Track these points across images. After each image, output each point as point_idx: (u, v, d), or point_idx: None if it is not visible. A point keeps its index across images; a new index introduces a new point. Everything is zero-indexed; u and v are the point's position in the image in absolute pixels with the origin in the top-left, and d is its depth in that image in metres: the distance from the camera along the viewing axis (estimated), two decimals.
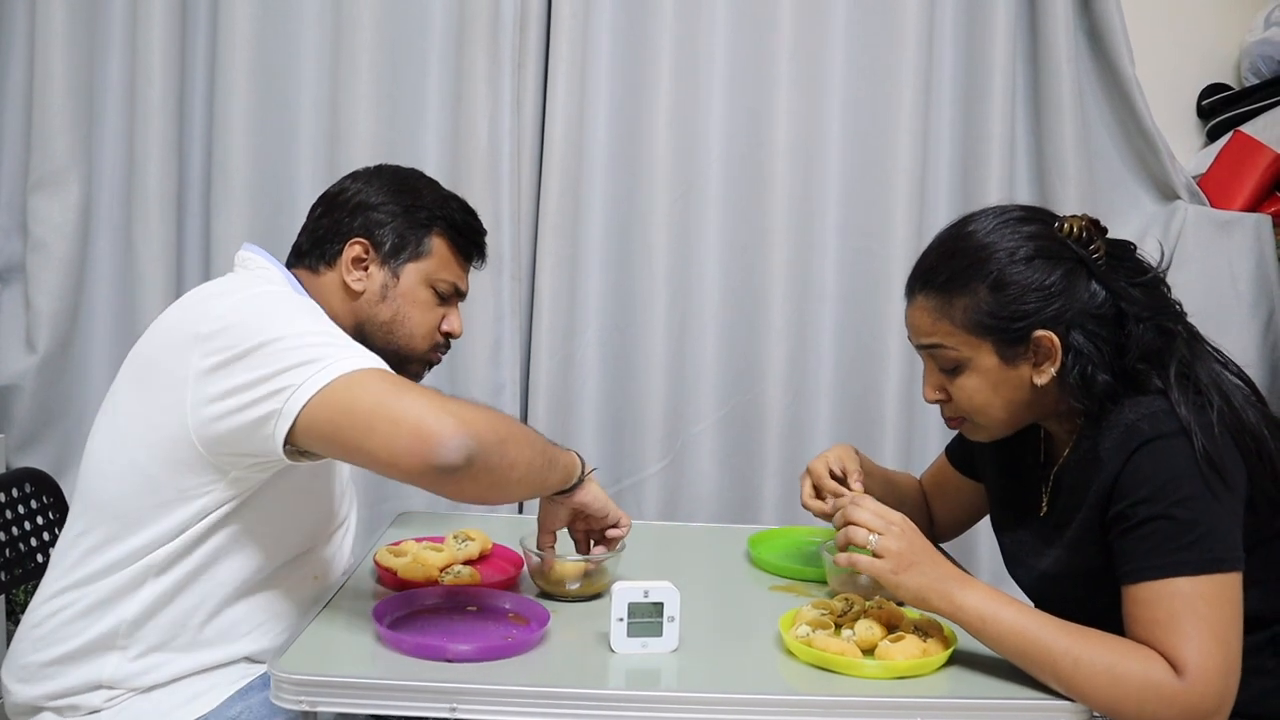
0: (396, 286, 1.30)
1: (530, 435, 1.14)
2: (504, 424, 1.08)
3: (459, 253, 1.35)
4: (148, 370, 1.15)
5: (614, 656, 1.08)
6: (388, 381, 1.04)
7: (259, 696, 1.14)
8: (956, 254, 1.18)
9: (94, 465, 1.18)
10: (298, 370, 1.03)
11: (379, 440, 1.00)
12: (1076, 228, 1.15)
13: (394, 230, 1.29)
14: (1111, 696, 1.00)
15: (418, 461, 0.99)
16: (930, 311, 1.18)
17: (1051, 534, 1.20)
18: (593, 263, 2.09)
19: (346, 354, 1.05)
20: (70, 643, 1.14)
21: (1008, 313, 1.13)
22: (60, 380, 2.02)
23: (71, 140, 1.99)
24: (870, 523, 1.11)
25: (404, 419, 0.99)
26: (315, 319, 1.13)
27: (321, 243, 1.30)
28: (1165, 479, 1.05)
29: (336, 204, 1.32)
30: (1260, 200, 2.11)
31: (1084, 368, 1.11)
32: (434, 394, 1.04)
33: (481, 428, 1.02)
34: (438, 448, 0.98)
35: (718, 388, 2.11)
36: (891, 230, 2.08)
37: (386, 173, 1.36)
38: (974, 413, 1.19)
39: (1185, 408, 1.07)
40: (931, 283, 1.18)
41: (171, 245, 2.04)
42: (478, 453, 1.00)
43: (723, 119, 2.08)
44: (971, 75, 2.12)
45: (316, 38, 2.05)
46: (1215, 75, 2.26)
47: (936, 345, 1.18)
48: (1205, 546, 1.02)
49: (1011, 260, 1.13)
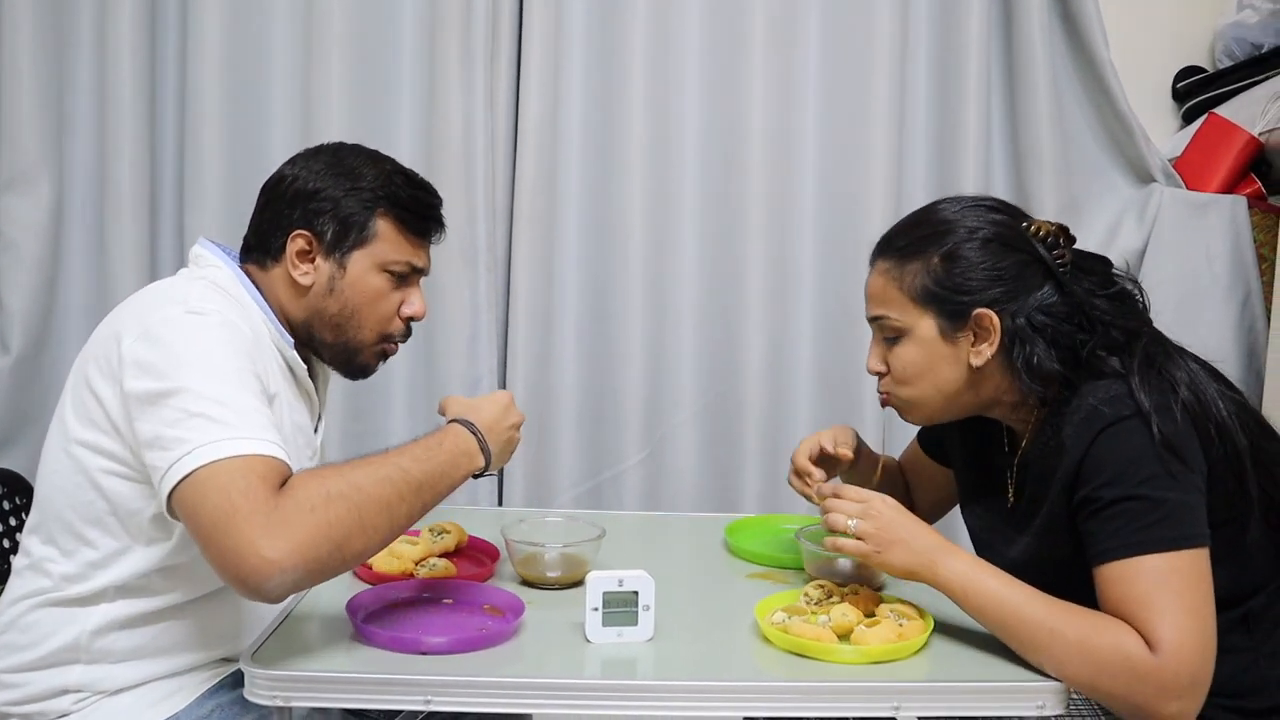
0: (344, 277, 1.23)
1: (379, 497, 1.01)
2: (339, 520, 0.97)
3: (409, 230, 1.27)
4: (84, 380, 1.12)
5: (589, 646, 1.08)
6: (235, 489, 0.96)
7: (230, 694, 1.13)
8: (920, 224, 1.23)
9: (45, 474, 1.16)
10: (176, 448, 0.99)
11: (212, 564, 0.97)
12: (1044, 229, 1.18)
13: (335, 218, 1.22)
14: (1085, 670, 1.00)
15: (246, 594, 0.96)
16: (884, 274, 1.22)
17: (1019, 522, 1.21)
18: (569, 254, 2.09)
19: (221, 436, 0.99)
20: (33, 651, 1.12)
21: (953, 284, 1.16)
22: (34, 381, 2.00)
23: (41, 139, 1.97)
24: (847, 509, 1.15)
25: (232, 551, 0.94)
26: (224, 370, 1.06)
27: (266, 237, 1.25)
28: (1126, 461, 1.05)
29: (276, 194, 1.26)
30: (1235, 182, 2.11)
31: (1029, 354, 1.13)
32: (266, 506, 0.95)
33: (309, 550, 0.94)
34: (259, 588, 0.94)
35: (696, 378, 2.11)
36: (868, 218, 2.08)
37: (326, 153, 1.28)
38: (908, 383, 1.22)
39: (1144, 392, 1.08)
40: (890, 247, 1.23)
41: (144, 243, 2.02)
42: (303, 577, 0.96)
43: (697, 108, 2.08)
44: (946, 61, 2.12)
45: (287, 32, 2.04)
46: (1189, 58, 2.27)
47: (882, 317, 1.22)
48: (1173, 524, 1.03)
49: (969, 237, 1.17)
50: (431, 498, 1.07)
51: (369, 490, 1.00)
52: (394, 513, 1.02)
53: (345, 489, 0.99)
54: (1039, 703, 1.01)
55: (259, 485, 0.96)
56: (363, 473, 1.02)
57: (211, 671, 1.18)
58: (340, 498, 0.98)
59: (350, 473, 1.01)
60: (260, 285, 1.25)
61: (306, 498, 0.97)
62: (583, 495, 2.11)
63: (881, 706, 1.01)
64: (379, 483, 1.02)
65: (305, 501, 0.97)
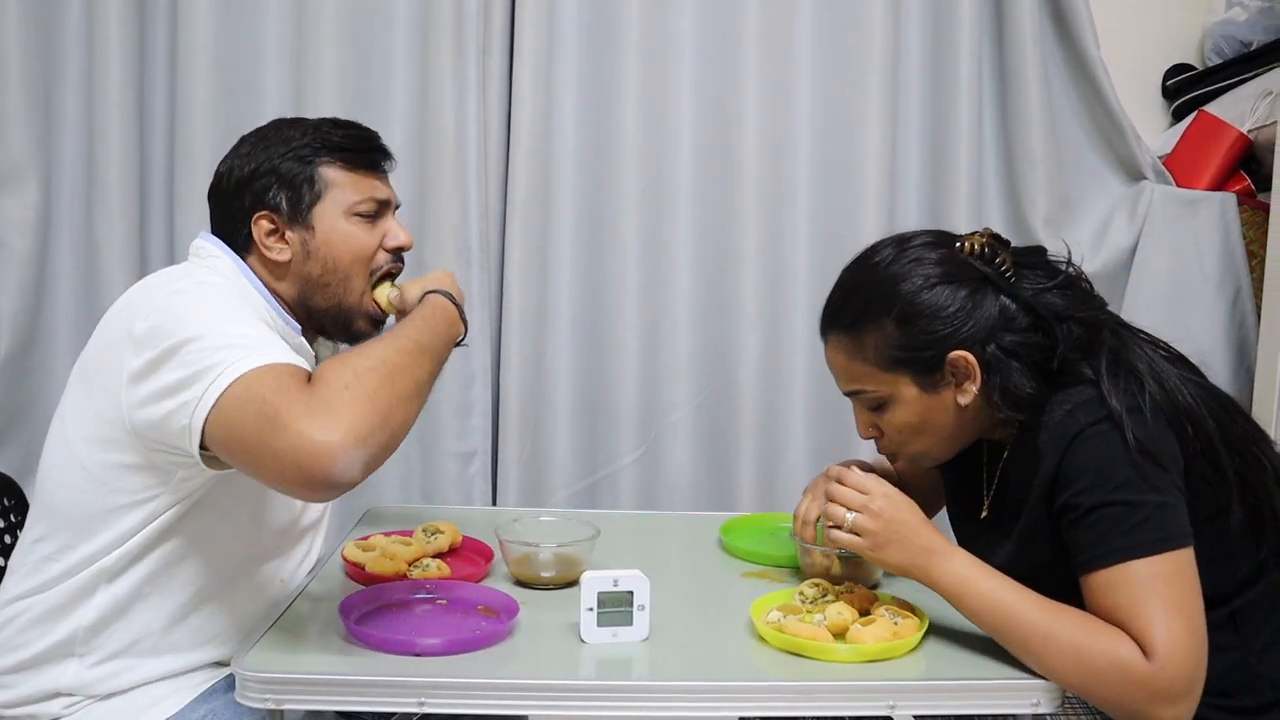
0: (315, 237, 1.23)
1: (402, 364, 1.04)
2: (377, 391, 0.98)
3: (357, 167, 1.26)
4: (90, 372, 1.12)
5: (584, 646, 1.08)
6: (269, 391, 0.96)
7: (224, 698, 1.12)
8: (859, 289, 1.20)
9: (45, 469, 1.15)
10: (200, 380, 0.99)
11: (271, 476, 0.96)
12: (977, 245, 1.16)
13: (281, 185, 1.22)
14: (1079, 675, 1.00)
15: (317, 491, 0.95)
16: (843, 352, 1.20)
17: (1001, 530, 1.20)
18: (563, 252, 2.08)
19: (243, 356, 0.99)
20: (26, 650, 1.12)
21: (918, 343, 1.14)
22: (23, 381, 1.98)
23: (29, 137, 1.95)
24: (849, 499, 1.14)
25: (287, 450, 0.93)
26: (237, 315, 1.07)
27: (231, 235, 1.25)
28: (1103, 466, 1.05)
29: (220, 193, 1.26)
30: (1225, 179, 2.12)
31: (1004, 382, 1.13)
32: (303, 397, 0.96)
33: (365, 425, 0.95)
34: (326, 476, 0.93)
35: (691, 376, 2.10)
36: (862, 216, 2.08)
37: (249, 138, 1.28)
38: (908, 443, 1.21)
39: (1115, 397, 1.07)
40: (839, 323, 1.20)
41: (134, 242, 2.01)
42: (364, 453, 0.95)
43: (691, 106, 2.07)
44: (938, 60, 2.12)
45: (278, 28, 2.03)
46: (1179, 56, 2.27)
47: (860, 391, 1.20)
48: (1153, 526, 1.03)
49: (916, 290, 1.14)
50: (436, 363, 1.11)
51: (391, 359, 1.03)
52: (418, 376, 1.06)
53: (371, 363, 1.02)
54: (1033, 700, 1.02)
55: (290, 382, 0.97)
56: (379, 346, 1.06)
57: (205, 674, 1.17)
58: (369, 371, 1.00)
59: (368, 349, 1.05)
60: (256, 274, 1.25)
61: (337, 378, 0.98)
62: (577, 494, 2.11)
63: (877, 705, 1.01)
64: (398, 351, 1.05)
65: (337, 382, 0.98)
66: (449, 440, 2.06)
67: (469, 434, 2.07)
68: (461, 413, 2.06)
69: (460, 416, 2.06)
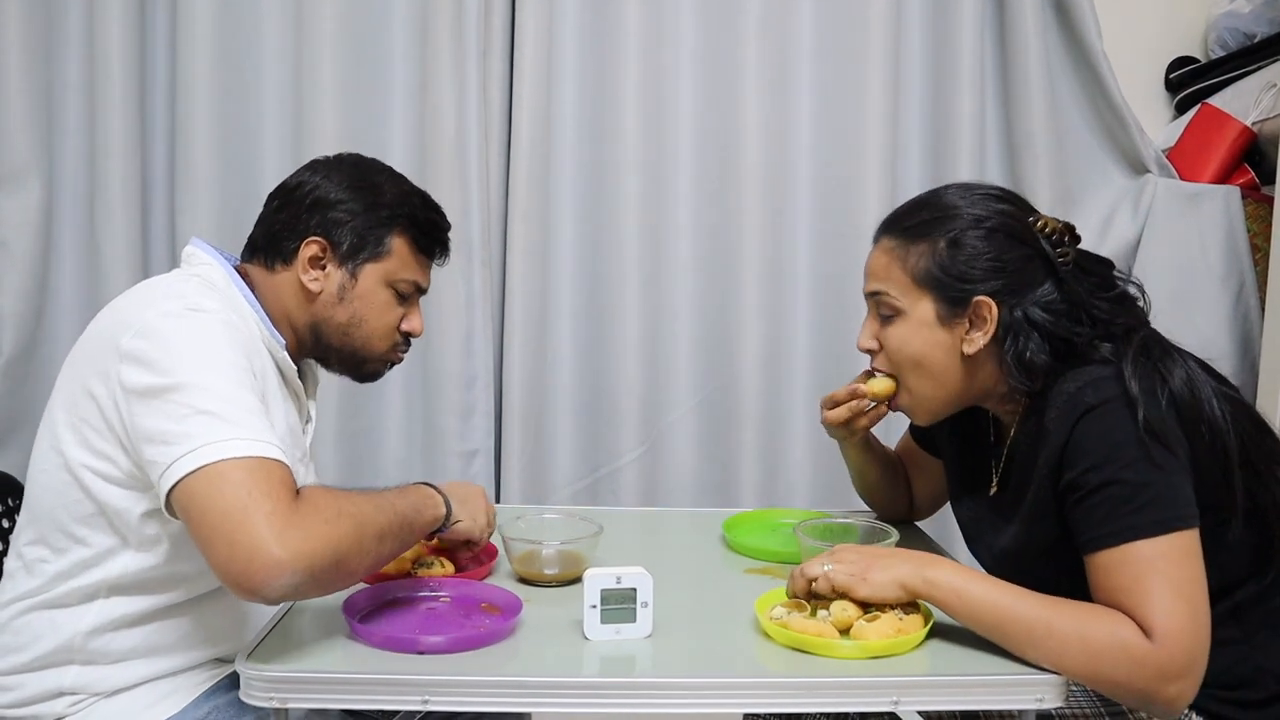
0: (355, 288, 1.25)
1: (377, 524, 1.07)
2: (346, 536, 1.01)
3: (421, 251, 1.30)
4: (76, 378, 1.12)
5: (588, 644, 1.07)
6: (243, 488, 0.98)
7: (227, 696, 1.12)
8: (927, 206, 1.23)
9: (35, 474, 1.15)
10: (181, 443, 1.00)
11: (214, 559, 0.97)
12: (1050, 226, 1.18)
13: (353, 230, 1.24)
14: (1084, 662, 1.00)
15: (245, 591, 0.97)
16: (888, 253, 1.22)
17: (1007, 510, 1.20)
18: (564, 249, 2.08)
19: (228, 434, 1.00)
20: (28, 652, 1.11)
21: (956, 271, 1.16)
22: (25, 383, 1.99)
23: (31, 138, 1.96)
24: (812, 567, 1.12)
25: (243, 546, 0.95)
26: (223, 363, 1.07)
27: (277, 240, 1.25)
28: (1109, 445, 1.05)
29: (294, 199, 1.26)
30: (1229, 172, 2.11)
31: (1020, 347, 1.14)
32: (285, 508, 0.98)
33: (317, 558, 0.98)
34: (261, 586, 0.95)
35: (693, 373, 2.10)
36: (864, 211, 2.07)
37: (347, 164, 1.30)
38: (903, 372, 1.22)
39: (1133, 378, 1.07)
40: (896, 226, 1.23)
41: (136, 243, 2.01)
42: (305, 583, 0.98)
43: (691, 102, 2.07)
44: (940, 53, 2.11)
45: (278, 29, 2.03)
46: (1182, 48, 2.26)
47: (881, 292, 1.22)
48: (1158, 507, 1.03)
49: (976, 225, 1.17)
50: (405, 543, 1.14)
51: (370, 516, 1.07)
52: (384, 541, 1.08)
53: (353, 510, 1.05)
54: (1038, 696, 1.01)
55: (280, 488, 1.00)
56: (363, 499, 1.08)
57: (209, 672, 1.17)
58: (349, 516, 1.04)
59: (355, 497, 1.08)
60: (261, 286, 1.25)
61: (325, 508, 1.02)
62: (580, 491, 2.11)
63: (881, 701, 1.01)
64: (377, 510, 1.08)
65: (321, 512, 1.01)
66: (452, 439, 2.06)
67: (472, 432, 2.07)
68: (464, 412, 2.06)
69: (463, 415, 2.06)
